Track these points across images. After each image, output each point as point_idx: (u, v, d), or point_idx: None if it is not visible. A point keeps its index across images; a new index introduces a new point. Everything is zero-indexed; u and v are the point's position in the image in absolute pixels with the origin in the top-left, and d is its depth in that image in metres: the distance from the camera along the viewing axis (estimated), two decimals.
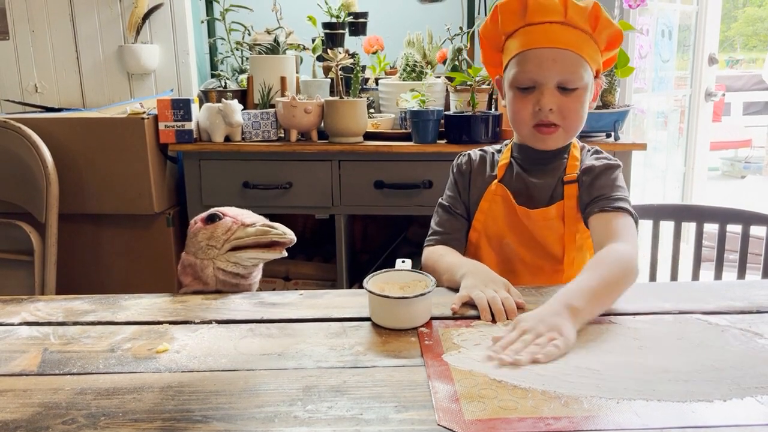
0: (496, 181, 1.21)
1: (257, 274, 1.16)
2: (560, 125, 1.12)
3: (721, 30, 3.24)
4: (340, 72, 1.98)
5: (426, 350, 0.85)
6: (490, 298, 0.94)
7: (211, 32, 2.47)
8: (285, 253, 1.09)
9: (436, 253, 1.18)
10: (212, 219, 1.09)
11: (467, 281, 1.01)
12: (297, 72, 2.25)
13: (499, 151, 1.27)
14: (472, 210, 1.23)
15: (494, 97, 2.15)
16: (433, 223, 1.26)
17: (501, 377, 0.77)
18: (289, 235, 1.08)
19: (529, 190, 1.19)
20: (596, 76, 1.15)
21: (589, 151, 1.22)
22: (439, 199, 1.28)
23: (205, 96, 2.15)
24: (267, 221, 1.10)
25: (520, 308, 0.94)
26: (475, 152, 1.29)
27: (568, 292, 0.91)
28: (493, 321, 0.92)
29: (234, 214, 1.10)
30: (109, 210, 2.08)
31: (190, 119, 2.01)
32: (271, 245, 1.08)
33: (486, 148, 1.30)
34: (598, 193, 1.12)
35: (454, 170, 1.28)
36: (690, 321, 0.93)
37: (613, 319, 0.94)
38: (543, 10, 1.09)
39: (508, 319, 0.91)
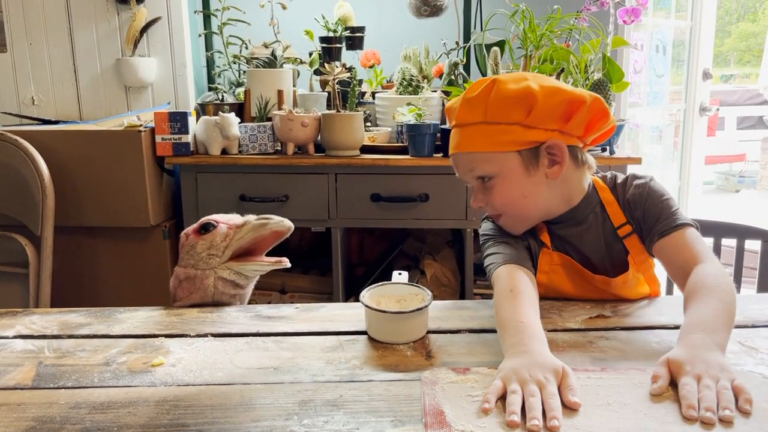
0: (548, 249, 1.09)
1: (251, 284, 1.17)
2: (502, 214, 1.07)
3: (715, 45, 3.27)
4: (337, 86, 1.99)
5: (427, 401, 0.74)
6: (527, 403, 0.72)
7: (208, 46, 2.48)
8: (288, 264, 1.10)
9: (513, 280, 0.97)
10: (206, 228, 1.09)
11: (506, 362, 0.80)
12: (294, 85, 2.26)
13: None
14: None
15: None
16: (493, 251, 1.07)
17: None
18: (286, 223, 1.08)
19: (584, 257, 1.09)
20: (540, 144, 1.01)
21: (615, 185, 1.11)
22: (489, 241, 1.10)
23: (202, 109, 2.15)
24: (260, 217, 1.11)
25: (572, 409, 0.72)
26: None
27: (704, 324, 0.83)
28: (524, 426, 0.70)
29: (225, 220, 1.11)
30: (105, 223, 2.08)
31: (187, 132, 2.02)
32: (277, 260, 1.09)
33: None
34: (653, 220, 1.04)
35: (496, 229, 1.12)
36: (742, 375, 0.77)
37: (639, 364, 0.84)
38: (449, 116, 1.09)
39: (548, 429, 0.69)
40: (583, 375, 0.79)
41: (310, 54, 2.31)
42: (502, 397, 0.74)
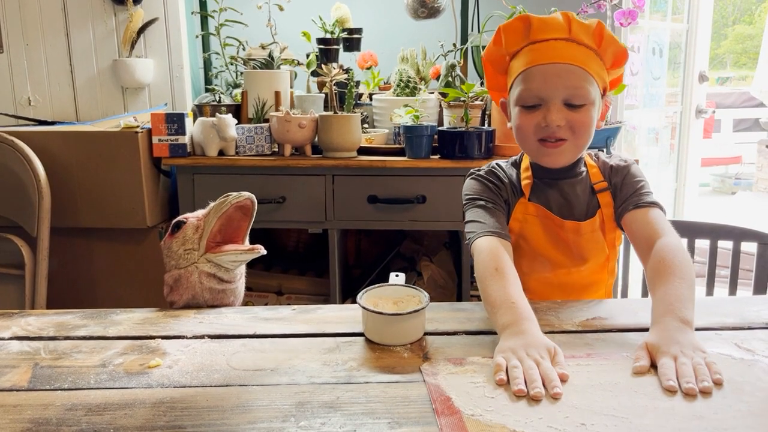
0: (525, 200, 1.16)
1: (241, 279, 1.16)
2: (568, 139, 1.09)
3: (711, 48, 3.28)
4: (334, 87, 1.99)
5: (432, 390, 0.78)
6: (527, 375, 0.79)
7: (205, 47, 2.48)
8: (264, 251, 1.09)
9: (497, 257, 1.02)
10: (178, 226, 1.10)
11: (504, 343, 0.87)
12: (291, 87, 2.26)
13: (511, 167, 1.22)
14: None
15: (487, 113, 2.16)
16: (474, 217, 1.12)
17: (521, 428, 0.70)
18: (245, 194, 1.09)
19: (562, 206, 1.16)
20: (603, 94, 1.13)
21: (598, 156, 1.22)
22: (470, 204, 1.16)
23: (199, 110, 2.15)
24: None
25: (563, 380, 0.79)
26: (492, 165, 1.23)
27: (673, 306, 0.90)
28: (528, 395, 0.77)
29: (194, 215, 1.12)
30: (102, 224, 2.07)
31: (183, 133, 2.02)
32: (251, 247, 1.09)
33: (498, 162, 1.24)
34: (629, 191, 1.13)
35: (485, 177, 1.19)
36: (713, 356, 0.84)
37: (629, 353, 0.88)
38: (547, 27, 1.08)
39: (551, 396, 0.76)
40: (573, 362, 0.85)
41: (308, 55, 2.31)
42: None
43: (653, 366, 0.84)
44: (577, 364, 0.85)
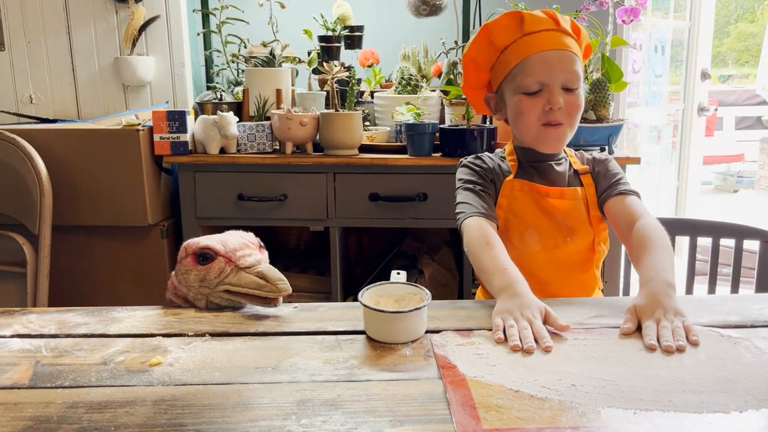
0: (511, 178, 1.26)
1: None
2: (564, 123, 1.20)
3: (713, 45, 3.27)
4: (335, 85, 1.99)
5: (440, 360, 0.86)
6: (522, 334, 0.90)
7: (207, 44, 2.47)
8: (281, 304, 1.07)
9: (486, 233, 1.13)
10: (204, 258, 1.04)
11: (501, 304, 0.98)
12: (293, 85, 2.26)
13: (499, 157, 1.33)
14: None
15: None
16: (463, 200, 1.24)
17: (517, 387, 0.78)
18: (283, 291, 1.03)
19: (544, 181, 1.26)
20: None
21: (580, 152, 1.34)
22: (461, 188, 1.27)
23: (201, 108, 2.15)
24: (263, 266, 1.05)
25: (564, 331, 0.92)
26: (479, 154, 1.34)
27: (658, 272, 1.01)
28: (522, 349, 0.88)
29: (227, 251, 1.05)
30: (103, 222, 2.08)
31: (185, 131, 2.02)
32: (273, 301, 1.05)
33: (486, 152, 1.36)
34: (611, 180, 1.25)
35: (474, 163, 1.30)
36: (703, 333, 0.93)
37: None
38: (538, 21, 1.19)
39: (543, 349, 0.87)
40: (570, 336, 0.93)
41: (309, 53, 2.31)
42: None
43: (638, 328, 0.94)
44: (575, 338, 0.93)
